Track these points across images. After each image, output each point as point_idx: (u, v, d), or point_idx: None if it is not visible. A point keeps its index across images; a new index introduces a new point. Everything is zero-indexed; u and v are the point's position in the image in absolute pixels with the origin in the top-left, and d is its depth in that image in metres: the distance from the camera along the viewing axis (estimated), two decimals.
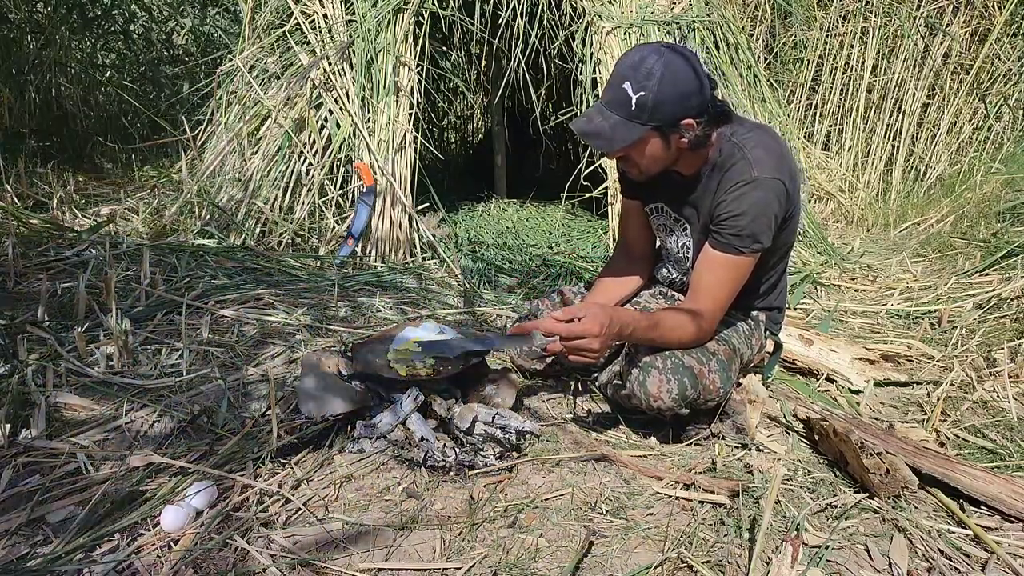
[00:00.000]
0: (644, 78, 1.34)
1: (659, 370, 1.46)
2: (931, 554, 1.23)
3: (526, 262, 3.25)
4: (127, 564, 1.14)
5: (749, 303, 1.67)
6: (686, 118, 1.39)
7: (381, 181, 2.93)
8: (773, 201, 1.42)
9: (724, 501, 1.34)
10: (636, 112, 1.36)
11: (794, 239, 1.65)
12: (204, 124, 3.46)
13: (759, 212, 1.42)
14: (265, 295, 2.32)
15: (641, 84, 1.34)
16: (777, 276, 1.69)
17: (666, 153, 1.45)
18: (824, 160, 4.75)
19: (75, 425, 1.51)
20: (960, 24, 4.52)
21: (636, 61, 1.36)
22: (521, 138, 4.65)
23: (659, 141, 1.42)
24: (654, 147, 1.43)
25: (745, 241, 1.44)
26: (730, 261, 1.46)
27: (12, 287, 2.18)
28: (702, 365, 1.48)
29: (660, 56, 1.34)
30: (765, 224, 1.43)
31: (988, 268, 2.88)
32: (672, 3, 3.36)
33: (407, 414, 1.53)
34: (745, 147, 1.44)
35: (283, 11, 3.25)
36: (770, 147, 1.45)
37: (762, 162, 1.42)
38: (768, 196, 1.41)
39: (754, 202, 1.41)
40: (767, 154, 1.43)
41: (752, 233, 1.43)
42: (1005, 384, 1.88)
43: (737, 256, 1.46)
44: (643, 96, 1.34)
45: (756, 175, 1.41)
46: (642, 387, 1.47)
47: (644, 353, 1.50)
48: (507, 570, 1.15)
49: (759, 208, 1.42)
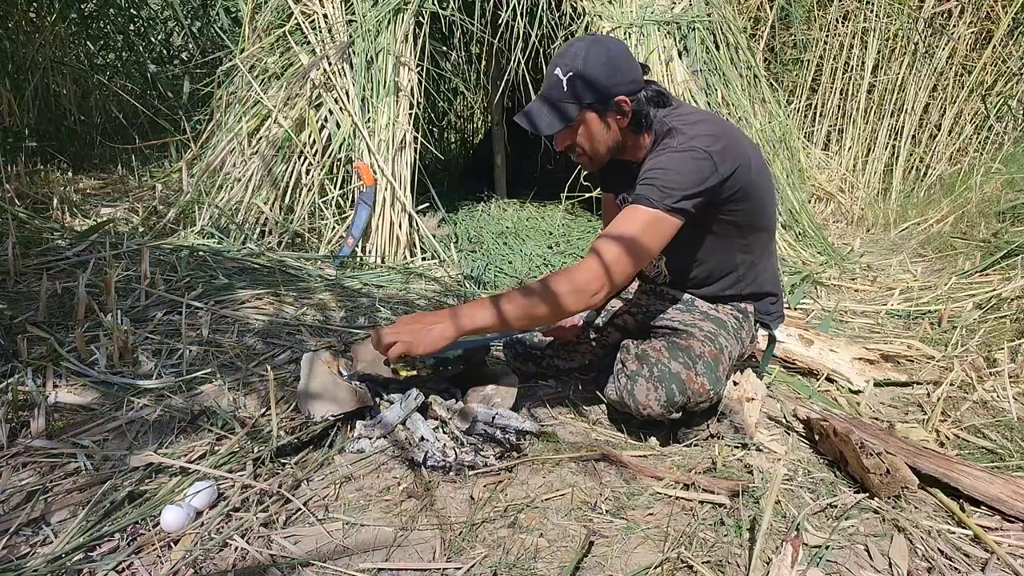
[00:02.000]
0: (571, 59, 1.42)
1: (645, 379, 1.46)
2: (931, 554, 1.23)
3: (526, 262, 3.25)
4: (127, 564, 1.14)
5: (734, 293, 1.65)
6: (618, 95, 1.44)
7: (381, 181, 2.93)
8: (691, 164, 1.38)
9: (724, 501, 1.34)
10: (568, 92, 1.43)
11: (768, 223, 1.60)
12: (204, 124, 3.46)
13: (674, 168, 1.38)
14: (265, 295, 2.32)
15: (569, 65, 1.42)
16: (753, 259, 1.63)
17: (606, 133, 1.49)
18: (824, 160, 4.75)
19: (75, 425, 1.51)
20: (965, 25, 4.52)
21: (564, 49, 1.46)
22: (521, 138, 4.65)
23: (596, 119, 1.47)
24: (592, 126, 1.48)
25: (655, 193, 1.37)
26: (639, 212, 1.39)
27: (12, 287, 2.18)
28: (689, 370, 1.47)
29: (584, 42, 1.44)
30: (678, 182, 1.37)
31: (988, 268, 2.89)
32: (672, 3, 3.36)
33: (407, 414, 1.53)
34: (678, 128, 1.46)
35: (283, 11, 3.25)
36: (707, 128, 1.44)
37: (691, 135, 1.42)
38: (686, 158, 1.39)
39: (670, 160, 1.40)
40: (699, 132, 1.43)
41: (663, 186, 1.37)
42: (1005, 384, 1.88)
43: (648, 208, 1.38)
44: (571, 76, 1.42)
45: (680, 142, 1.42)
46: (631, 396, 1.48)
47: (631, 363, 1.50)
48: (507, 570, 1.15)
49: (675, 165, 1.39)
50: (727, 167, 1.42)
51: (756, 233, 1.60)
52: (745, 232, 1.57)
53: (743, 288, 1.66)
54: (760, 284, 1.68)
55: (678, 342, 1.53)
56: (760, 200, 1.54)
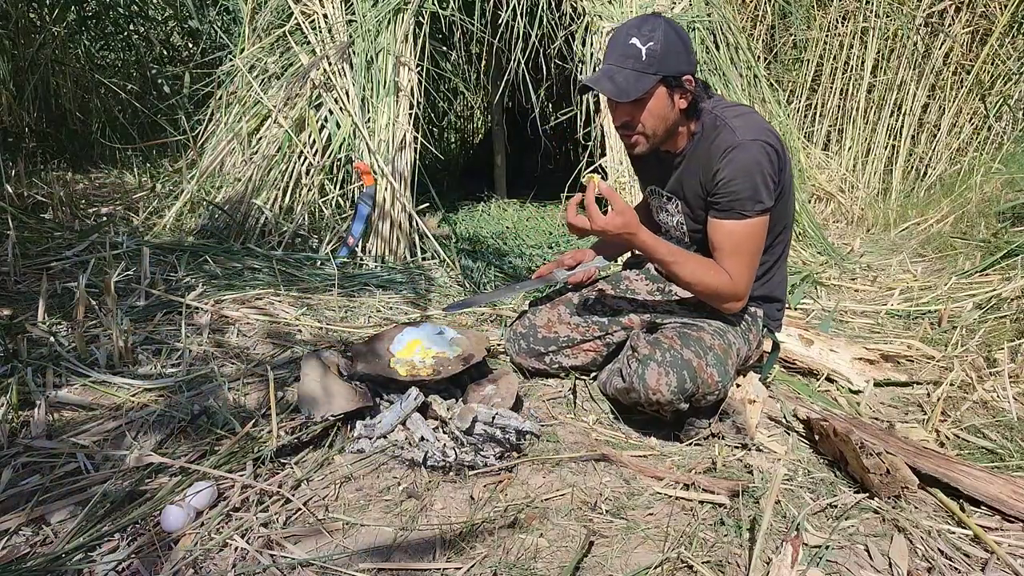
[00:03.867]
0: (650, 31, 1.45)
1: (658, 363, 1.47)
2: (931, 554, 1.23)
3: (526, 262, 3.25)
4: (127, 564, 1.14)
5: None
6: (687, 73, 1.48)
7: (381, 181, 2.93)
8: (763, 159, 1.46)
9: (724, 501, 1.34)
10: (647, 62, 1.44)
11: (789, 221, 1.66)
12: (204, 124, 3.46)
13: (751, 172, 1.46)
14: (265, 295, 2.32)
15: (648, 36, 1.44)
16: (772, 260, 1.68)
17: (669, 111, 1.51)
18: (824, 160, 4.75)
19: (75, 425, 1.51)
20: (962, 24, 4.52)
21: (638, 21, 1.48)
22: (521, 138, 4.65)
23: (664, 95, 1.49)
24: (659, 102, 1.49)
25: (746, 204, 1.47)
26: (738, 225, 1.50)
27: (12, 287, 2.18)
28: (700, 359, 1.49)
29: (657, 17, 1.48)
30: (760, 182, 1.46)
31: (988, 268, 2.88)
32: (672, 3, 3.36)
33: (407, 414, 1.53)
34: (726, 118, 1.51)
35: (283, 11, 3.25)
36: (750, 117, 1.52)
37: (743, 128, 1.48)
38: (756, 155, 1.46)
39: (743, 164, 1.46)
40: (747, 122, 1.50)
41: (750, 195, 1.47)
42: (1005, 384, 1.88)
43: (743, 219, 1.49)
44: (652, 46, 1.44)
45: (740, 138, 1.47)
46: (641, 380, 1.48)
47: (643, 347, 1.51)
48: (507, 570, 1.15)
49: (749, 168, 1.46)
50: (781, 152, 1.50)
51: (778, 236, 1.65)
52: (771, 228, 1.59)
53: (755, 291, 1.68)
54: (770, 289, 1.71)
55: (689, 333, 1.55)
56: (788, 198, 1.60)
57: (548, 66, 3.27)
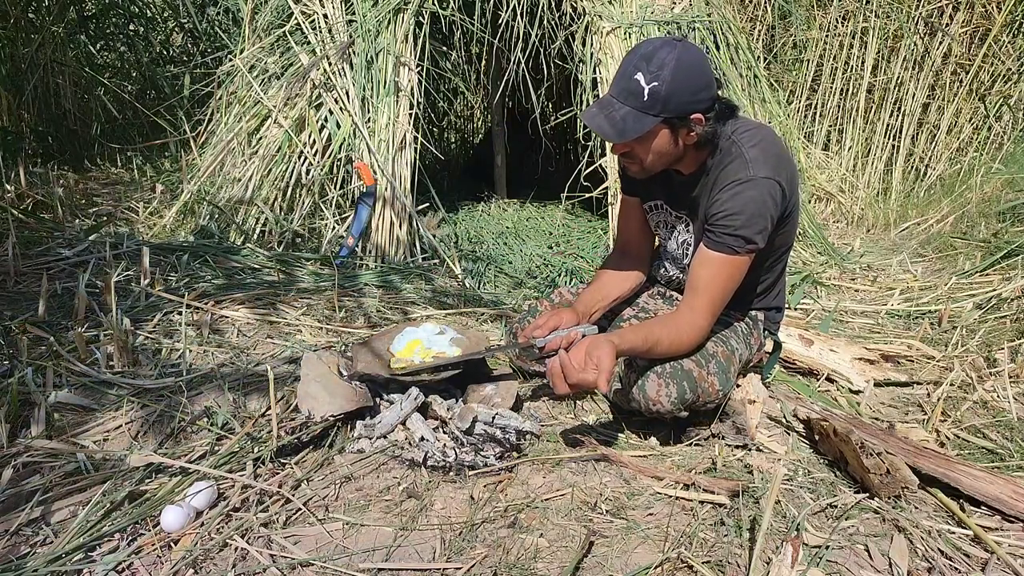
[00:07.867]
0: (657, 68, 1.32)
1: (657, 375, 1.46)
2: (931, 554, 1.23)
3: (526, 262, 3.25)
4: (127, 564, 1.14)
5: (747, 302, 1.67)
6: (696, 112, 1.38)
7: (381, 181, 2.93)
8: (768, 201, 1.40)
9: (724, 501, 1.34)
10: (648, 103, 1.34)
11: (793, 240, 1.64)
12: (204, 124, 3.46)
13: (753, 212, 1.40)
14: (265, 295, 2.32)
15: (654, 75, 1.32)
16: (775, 276, 1.69)
17: (672, 148, 1.44)
18: (824, 160, 4.74)
19: (75, 425, 1.51)
20: (960, 24, 4.52)
21: (648, 52, 1.34)
22: (521, 138, 4.65)
23: (668, 135, 1.41)
24: (662, 141, 1.41)
25: (739, 241, 1.42)
26: (725, 260, 1.44)
27: (12, 287, 2.18)
28: (701, 368, 1.48)
29: (672, 48, 1.34)
30: (760, 225, 1.41)
31: (988, 268, 2.88)
32: (672, 3, 3.36)
33: (407, 414, 1.53)
34: (743, 145, 1.43)
35: (283, 11, 3.24)
36: (768, 146, 1.44)
37: (758, 161, 1.41)
38: (763, 195, 1.40)
39: (748, 201, 1.40)
40: (764, 153, 1.42)
41: (746, 234, 1.41)
42: (1005, 384, 1.88)
43: (732, 256, 1.43)
44: (656, 87, 1.33)
45: (752, 174, 1.40)
46: (641, 391, 1.47)
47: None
48: (507, 570, 1.15)
49: (753, 208, 1.40)
50: (790, 187, 1.44)
51: (780, 252, 1.63)
52: (775, 250, 1.58)
53: (757, 303, 1.70)
54: (770, 301, 1.72)
55: None
56: (794, 221, 1.56)
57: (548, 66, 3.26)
